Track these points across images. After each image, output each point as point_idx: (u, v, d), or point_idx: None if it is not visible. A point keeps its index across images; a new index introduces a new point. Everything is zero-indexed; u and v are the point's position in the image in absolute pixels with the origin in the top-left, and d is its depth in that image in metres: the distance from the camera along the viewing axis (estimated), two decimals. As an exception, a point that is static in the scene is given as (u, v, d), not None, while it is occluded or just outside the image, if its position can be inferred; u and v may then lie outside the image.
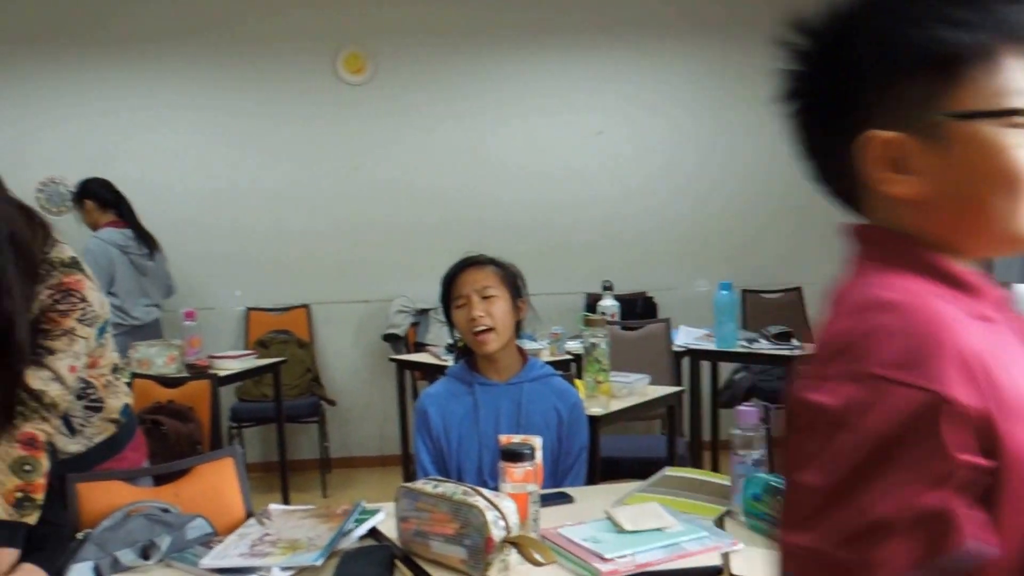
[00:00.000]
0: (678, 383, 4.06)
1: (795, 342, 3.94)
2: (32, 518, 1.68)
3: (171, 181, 5.30)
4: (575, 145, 5.50)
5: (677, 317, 4.68)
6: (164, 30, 5.24)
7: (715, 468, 4.35)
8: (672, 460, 3.24)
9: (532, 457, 1.77)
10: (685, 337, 4.30)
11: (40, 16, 5.19)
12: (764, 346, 3.95)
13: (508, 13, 5.42)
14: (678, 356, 4.19)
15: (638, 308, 5.24)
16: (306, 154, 5.38)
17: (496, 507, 1.66)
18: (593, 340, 2.78)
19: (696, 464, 4.04)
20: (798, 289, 5.43)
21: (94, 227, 4.56)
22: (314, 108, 5.35)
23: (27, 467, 1.67)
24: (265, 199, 5.36)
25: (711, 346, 4.10)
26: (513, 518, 1.67)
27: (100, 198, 4.57)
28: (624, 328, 4.17)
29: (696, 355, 4.18)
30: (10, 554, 1.65)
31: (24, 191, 4.58)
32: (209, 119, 5.33)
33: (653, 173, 5.53)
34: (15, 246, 1.68)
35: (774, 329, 4.01)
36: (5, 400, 1.68)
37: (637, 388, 3.19)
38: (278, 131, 5.35)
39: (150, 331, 4.58)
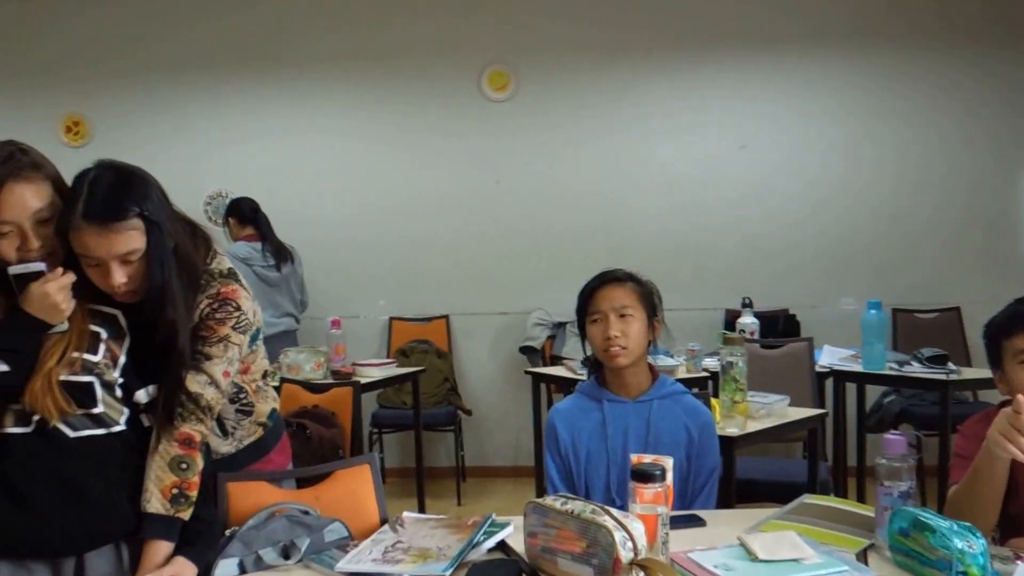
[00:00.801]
0: (821, 405, 3.92)
1: (951, 366, 3.74)
2: (186, 514, 1.78)
3: (322, 195, 5.55)
4: (717, 159, 5.40)
5: (821, 336, 4.52)
6: (320, 54, 5.51)
7: (860, 497, 4.16)
8: (813, 486, 3.12)
9: (663, 478, 1.75)
10: (829, 357, 4.15)
11: (215, 44, 5.56)
12: (916, 369, 3.76)
13: (648, 30, 5.39)
14: (821, 377, 4.05)
15: (779, 326, 5.09)
16: (450, 168, 5.51)
17: (624, 528, 1.65)
18: (730, 358, 2.72)
19: (839, 492, 3.88)
20: (956, 309, 5.15)
21: (235, 240, 4.82)
22: (459, 124, 5.48)
23: (183, 465, 1.78)
24: (410, 212, 5.52)
25: (858, 367, 3.94)
26: (642, 540, 1.65)
27: (240, 214, 4.84)
28: (764, 346, 4.06)
29: (841, 377, 4.03)
30: (166, 547, 1.75)
31: (195, 203, 4.91)
32: (359, 136, 5.55)
33: (798, 186, 5.37)
34: (180, 259, 1.79)
35: (928, 351, 3.81)
36: (167, 402, 1.79)
37: (776, 409, 3.10)
38: (424, 146, 5.51)
39: (279, 341, 4.65)
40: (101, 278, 1.72)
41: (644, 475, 1.74)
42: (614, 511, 1.68)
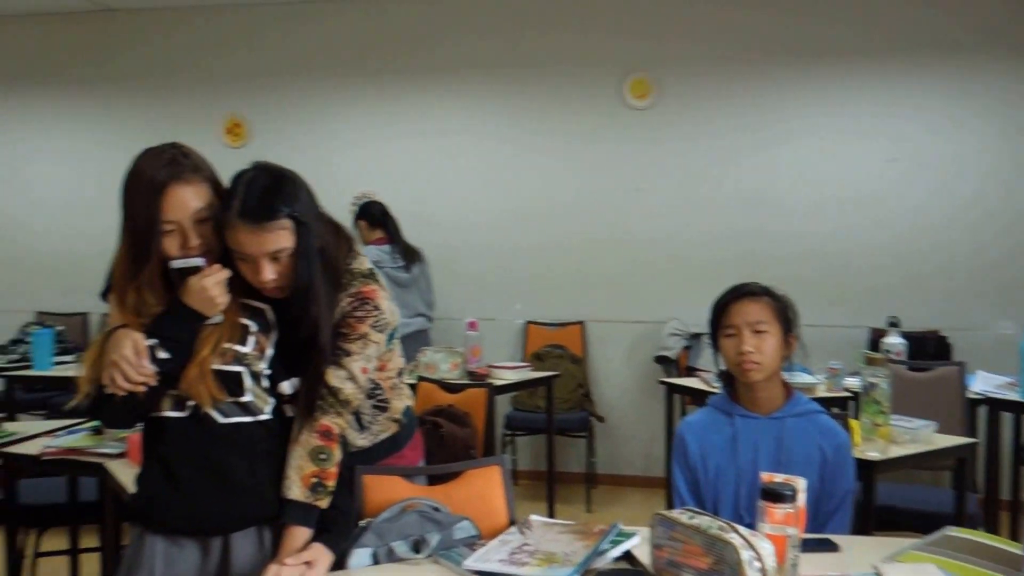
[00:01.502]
0: (972, 434, 3.71)
1: (1124, 399, 3.47)
2: (324, 502, 1.86)
3: (465, 198, 5.67)
4: (865, 172, 5.19)
5: (974, 361, 4.28)
6: (465, 61, 5.64)
7: (1013, 534, 3.91)
8: (960, 518, 2.96)
9: (794, 499, 1.71)
10: (983, 384, 3.93)
11: (366, 51, 5.78)
12: (1081, 401, 3.51)
13: (792, 39, 5.24)
14: (973, 404, 3.83)
15: (929, 348, 4.83)
16: (589, 175, 5.52)
17: (753, 547, 1.62)
18: (873, 379, 2.62)
19: (990, 526, 3.66)
20: None
21: (364, 244, 4.97)
22: (598, 130, 5.49)
23: (322, 456, 1.86)
24: (548, 218, 5.56)
25: (1015, 396, 3.70)
26: (770, 560, 1.62)
27: (371, 218, 4.99)
28: (911, 368, 3.87)
29: (996, 405, 3.80)
30: (304, 532, 1.84)
31: (341, 203, 5.12)
32: (501, 141, 5.64)
33: (953, 203, 5.09)
34: (324, 259, 1.88)
35: (1096, 382, 3.55)
36: (308, 394, 1.88)
37: (921, 435, 2.96)
38: (563, 152, 5.55)
39: (412, 341, 4.70)
40: (252, 274, 1.82)
41: (774, 494, 1.71)
42: (742, 529, 1.66)
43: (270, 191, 1.79)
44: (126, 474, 2.56)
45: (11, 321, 5.30)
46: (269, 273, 1.80)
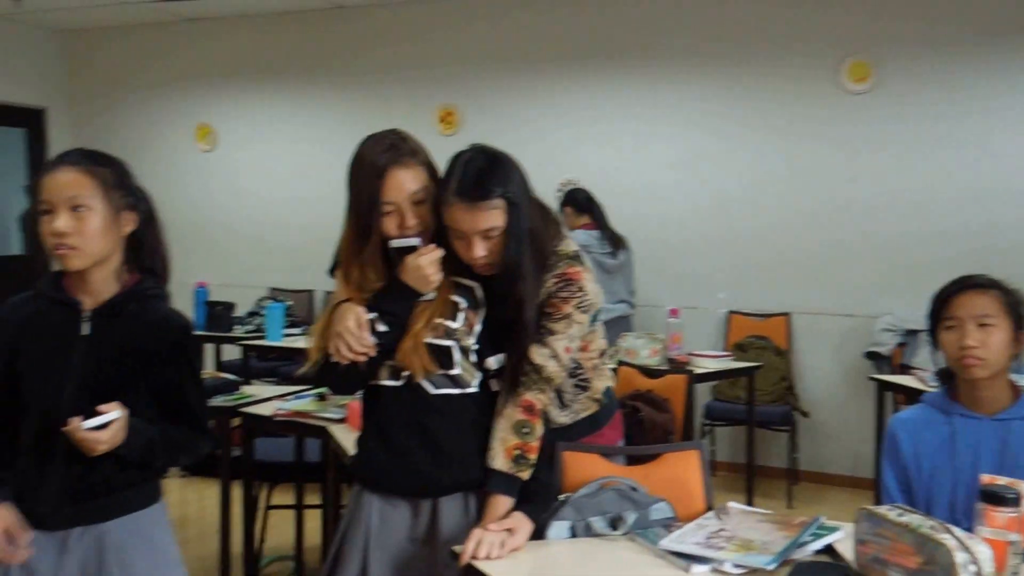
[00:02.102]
0: None
1: None
2: (525, 474, 1.94)
3: (667, 185, 5.62)
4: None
5: None
6: (669, 44, 5.58)
7: None
8: None
9: (1017, 503, 1.61)
10: None
11: (576, 38, 5.85)
12: None
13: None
14: None
15: None
16: (800, 162, 5.33)
17: (968, 549, 1.54)
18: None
19: None
20: None
21: (570, 228, 5.01)
22: (812, 116, 5.28)
23: (525, 429, 1.94)
24: (755, 206, 5.42)
25: None
26: (987, 566, 1.53)
27: (577, 204, 5.03)
28: None
29: None
30: (507, 501, 1.92)
31: (547, 189, 5.22)
32: (705, 128, 5.54)
33: None
34: (533, 239, 1.95)
35: None
36: (513, 370, 1.96)
37: None
38: (773, 138, 5.38)
39: (614, 326, 4.71)
40: (464, 250, 1.92)
41: (996, 497, 1.62)
42: (956, 530, 1.58)
43: (485, 172, 1.88)
44: (346, 438, 2.76)
45: (249, 296, 5.81)
46: (480, 250, 1.89)
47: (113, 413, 1.76)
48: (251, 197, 6.79)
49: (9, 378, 1.87)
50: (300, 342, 4.76)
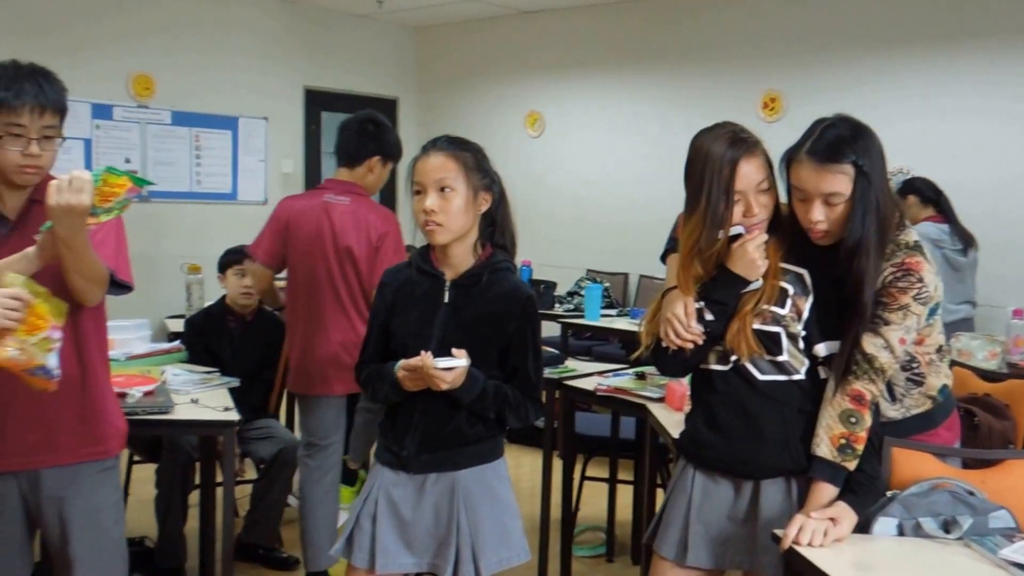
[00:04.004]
0: None
1: None
2: (851, 464, 1.91)
3: (1001, 179, 5.12)
4: None
5: None
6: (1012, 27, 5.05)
7: None
8: None
9: None
10: None
11: (903, 21, 5.49)
12: None
13: None
14: None
15: None
16: None
17: None
18: None
19: None
20: None
21: (913, 221, 4.64)
22: None
23: (852, 419, 1.91)
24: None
25: None
26: None
27: (921, 194, 4.68)
28: None
29: None
30: (830, 490, 1.91)
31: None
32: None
33: None
34: (879, 220, 1.91)
35: None
36: (843, 358, 1.92)
37: None
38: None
39: (957, 328, 4.34)
40: (803, 213, 1.95)
41: None
42: None
43: (843, 137, 1.91)
44: (664, 417, 2.85)
45: (568, 276, 6.09)
46: (818, 214, 1.91)
47: (461, 360, 2.00)
48: (573, 181, 7.08)
49: (386, 332, 2.18)
50: (616, 323, 4.93)
